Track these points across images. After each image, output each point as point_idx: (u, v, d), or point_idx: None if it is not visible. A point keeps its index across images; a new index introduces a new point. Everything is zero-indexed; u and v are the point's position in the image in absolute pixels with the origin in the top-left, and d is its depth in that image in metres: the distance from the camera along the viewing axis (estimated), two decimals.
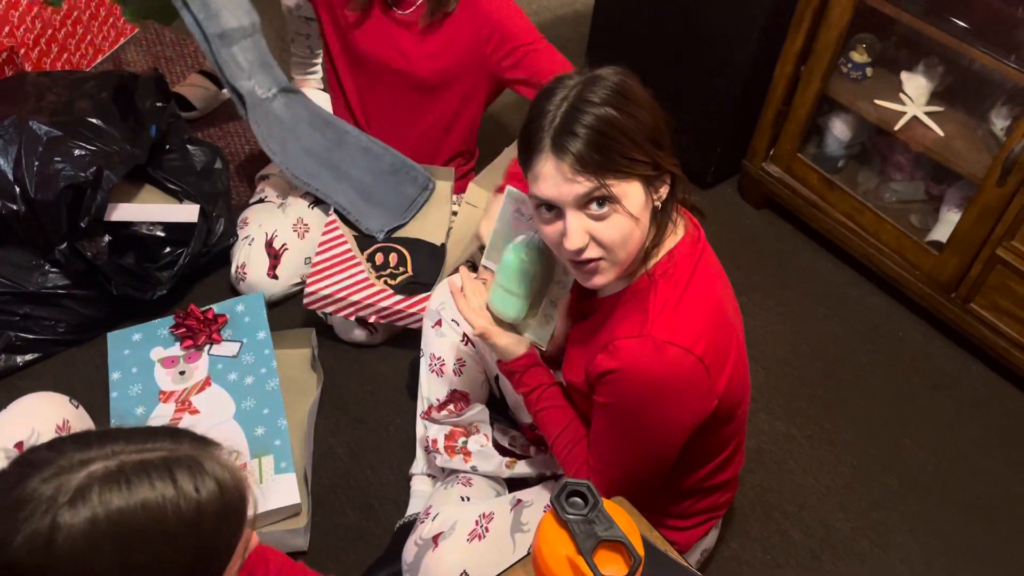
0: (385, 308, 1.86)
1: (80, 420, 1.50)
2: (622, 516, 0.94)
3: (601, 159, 1.09)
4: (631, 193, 1.12)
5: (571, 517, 0.90)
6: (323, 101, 2.20)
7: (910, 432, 1.95)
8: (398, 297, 1.86)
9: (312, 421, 1.78)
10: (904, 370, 2.07)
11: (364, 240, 1.97)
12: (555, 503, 0.91)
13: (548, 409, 1.36)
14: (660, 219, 1.19)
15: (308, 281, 1.86)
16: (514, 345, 1.35)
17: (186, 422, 1.71)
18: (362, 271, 1.90)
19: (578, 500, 0.92)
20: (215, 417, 1.72)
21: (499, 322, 1.34)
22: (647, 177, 1.13)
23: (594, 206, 1.11)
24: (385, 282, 1.89)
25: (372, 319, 1.89)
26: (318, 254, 1.91)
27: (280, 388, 1.76)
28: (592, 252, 1.15)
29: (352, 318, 1.90)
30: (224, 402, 1.75)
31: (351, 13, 1.91)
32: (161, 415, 1.72)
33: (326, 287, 1.85)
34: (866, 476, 1.87)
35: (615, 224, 1.13)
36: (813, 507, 1.81)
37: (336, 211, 1.99)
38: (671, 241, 1.22)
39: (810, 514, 1.79)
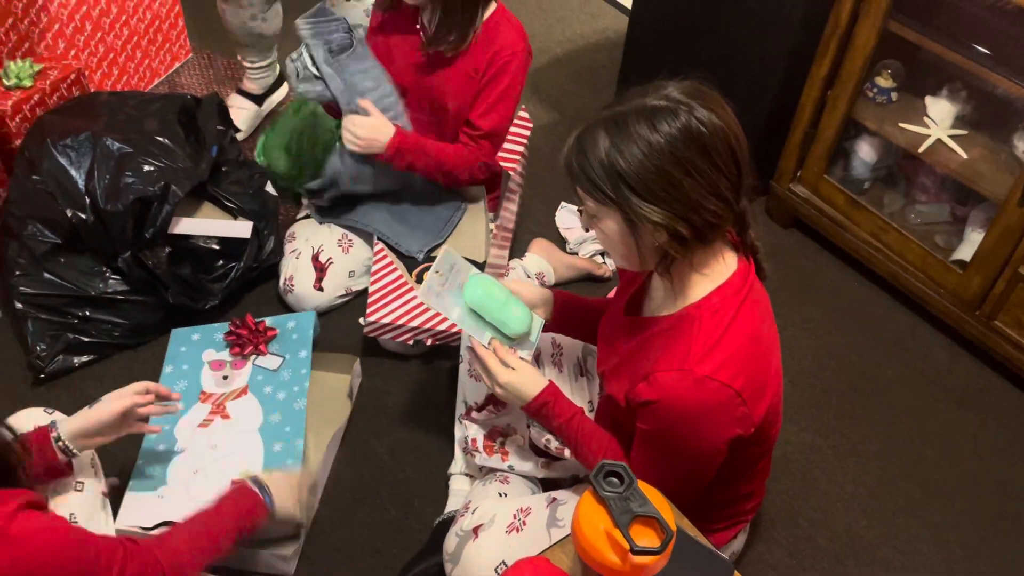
0: (441, 331, 1.93)
1: None
2: (656, 496, 1.01)
3: (577, 173, 1.20)
4: (604, 217, 1.22)
5: (608, 494, 0.98)
6: None
7: (933, 444, 2.00)
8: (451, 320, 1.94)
9: (332, 451, 1.83)
10: (928, 385, 2.13)
11: (408, 261, 2.06)
12: (594, 481, 0.99)
13: (588, 434, 1.42)
14: (663, 262, 1.23)
15: (368, 312, 1.92)
16: (535, 376, 1.42)
17: (217, 425, 1.78)
18: (415, 296, 1.97)
19: (615, 479, 1.00)
20: (243, 425, 1.78)
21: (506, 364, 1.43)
22: (626, 214, 1.18)
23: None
24: None
25: (429, 342, 1.96)
26: (372, 283, 1.98)
27: (306, 409, 1.79)
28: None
29: (410, 342, 1.97)
30: (254, 413, 1.81)
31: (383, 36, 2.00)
32: (197, 414, 1.80)
33: (385, 316, 1.92)
34: (890, 485, 1.92)
35: (599, 229, 1.24)
36: (838, 514, 1.86)
37: (377, 236, 2.09)
38: (720, 276, 1.26)
39: (835, 521, 1.85)
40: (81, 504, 1.42)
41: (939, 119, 2.15)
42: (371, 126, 1.90)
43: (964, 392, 2.12)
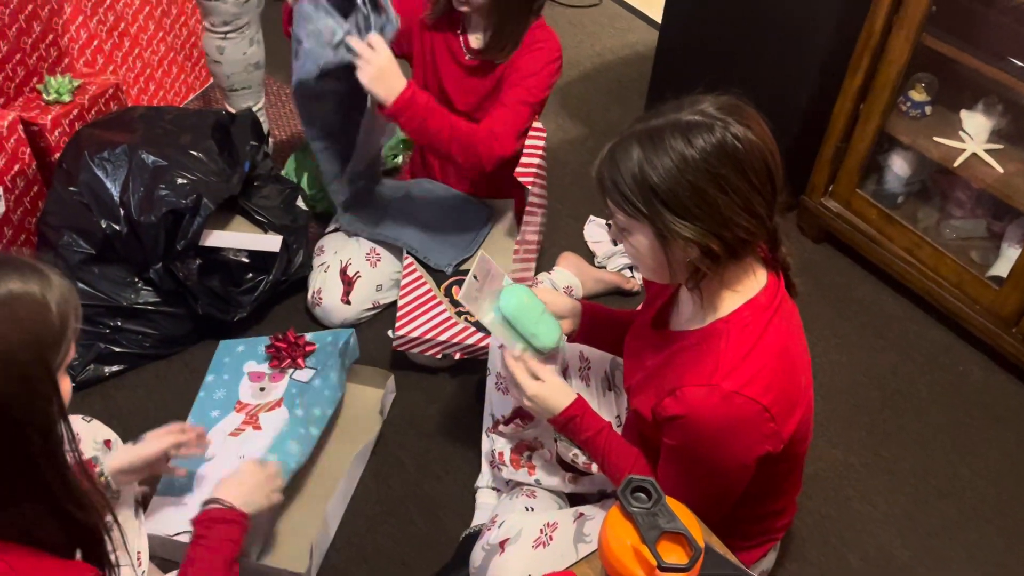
0: (470, 345, 1.93)
1: (90, 431, 1.54)
2: (684, 513, 1.00)
3: (608, 186, 1.19)
4: (635, 231, 1.20)
5: (635, 510, 0.97)
6: None
7: (969, 463, 1.96)
8: (481, 335, 1.93)
9: (359, 466, 1.83)
10: (964, 402, 2.09)
11: (437, 275, 2.07)
12: (621, 496, 0.98)
13: (615, 448, 1.41)
14: (693, 277, 1.21)
15: (396, 325, 1.94)
16: (564, 389, 1.41)
17: (247, 435, 1.80)
18: (444, 310, 1.98)
19: (642, 495, 0.99)
20: (269, 440, 1.77)
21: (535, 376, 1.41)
22: (658, 228, 1.17)
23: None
24: (466, 319, 1.97)
25: (457, 356, 1.96)
26: (401, 297, 1.99)
27: (318, 438, 1.77)
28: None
29: (439, 356, 1.97)
30: (282, 427, 1.80)
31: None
32: (231, 423, 1.82)
33: (414, 330, 1.93)
34: (924, 504, 1.88)
35: (629, 243, 1.23)
36: (871, 533, 1.83)
37: (406, 250, 2.10)
38: (749, 291, 1.25)
39: (868, 540, 1.81)
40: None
41: (974, 133, 2.12)
42: (392, 64, 1.77)
43: (1001, 410, 2.07)
